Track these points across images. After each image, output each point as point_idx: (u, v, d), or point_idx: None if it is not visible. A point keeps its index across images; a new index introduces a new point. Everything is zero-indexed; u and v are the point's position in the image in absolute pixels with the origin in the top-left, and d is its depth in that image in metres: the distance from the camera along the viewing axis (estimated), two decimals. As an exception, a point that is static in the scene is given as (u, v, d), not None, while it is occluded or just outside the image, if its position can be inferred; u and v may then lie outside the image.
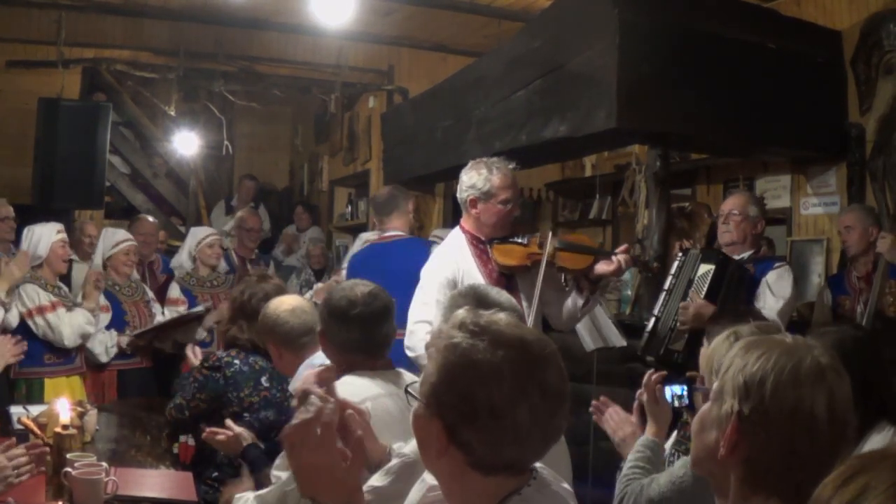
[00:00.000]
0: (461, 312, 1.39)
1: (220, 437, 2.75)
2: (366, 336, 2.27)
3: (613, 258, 3.20)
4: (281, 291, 3.23)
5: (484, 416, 1.25)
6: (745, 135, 4.19)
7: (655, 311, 3.69)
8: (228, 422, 2.80)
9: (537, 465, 1.35)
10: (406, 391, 1.40)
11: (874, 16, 4.39)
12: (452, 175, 6.42)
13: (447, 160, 5.46)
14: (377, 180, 7.39)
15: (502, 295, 2.09)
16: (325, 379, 1.76)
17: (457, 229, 3.34)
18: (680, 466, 2.11)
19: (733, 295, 3.47)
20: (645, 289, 4.38)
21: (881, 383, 2.15)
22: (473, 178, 3.22)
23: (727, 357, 1.31)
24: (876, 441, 2.04)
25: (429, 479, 1.51)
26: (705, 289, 3.48)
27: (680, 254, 3.78)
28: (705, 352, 2.27)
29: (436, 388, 1.29)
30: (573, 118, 4.00)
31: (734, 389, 1.25)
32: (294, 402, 2.14)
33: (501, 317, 1.36)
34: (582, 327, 3.98)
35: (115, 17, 6.35)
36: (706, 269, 3.53)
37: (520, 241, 3.25)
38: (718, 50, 4.01)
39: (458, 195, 3.32)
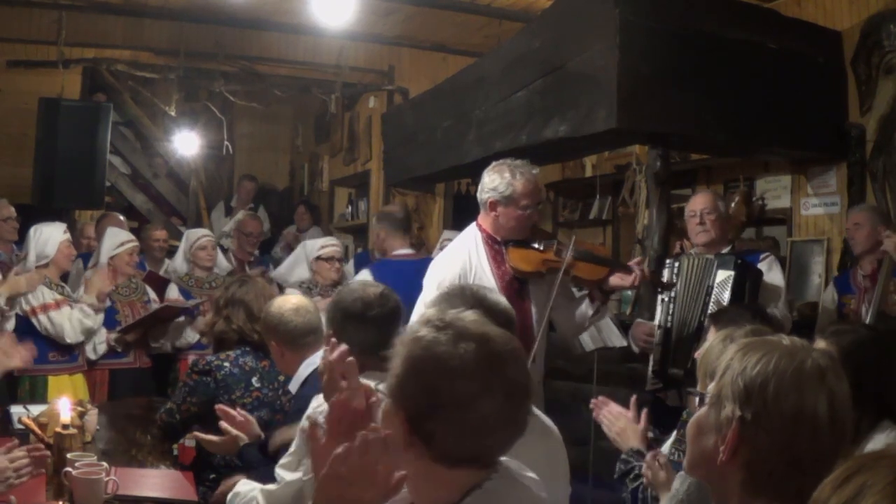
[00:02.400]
0: (430, 311, 1.41)
1: (214, 438, 2.76)
2: (382, 336, 2.26)
3: (631, 269, 3.16)
4: (264, 290, 3.27)
5: (447, 407, 1.27)
6: (745, 135, 4.19)
7: (658, 321, 3.63)
8: (223, 424, 2.80)
9: (504, 458, 1.37)
10: (376, 389, 1.41)
11: (874, 16, 4.39)
12: (452, 175, 6.46)
13: (447, 160, 5.46)
14: (377, 180, 7.40)
15: (496, 294, 2.08)
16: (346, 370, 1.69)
17: (473, 226, 3.29)
18: (679, 482, 2.07)
19: (752, 300, 3.42)
20: (645, 289, 4.36)
21: (890, 384, 2.14)
22: (496, 181, 3.14)
23: (723, 360, 1.29)
24: (879, 441, 2.04)
25: None
26: (727, 296, 3.42)
27: (670, 260, 3.75)
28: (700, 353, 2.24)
29: (400, 381, 1.32)
30: (573, 118, 4.00)
31: (734, 394, 1.24)
32: (306, 426, 2.11)
33: (468, 314, 1.40)
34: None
35: (115, 17, 6.35)
36: (725, 275, 3.46)
37: (536, 246, 3.20)
38: (718, 50, 4.01)
39: (478, 195, 3.25)
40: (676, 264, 3.66)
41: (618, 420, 2.40)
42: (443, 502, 1.31)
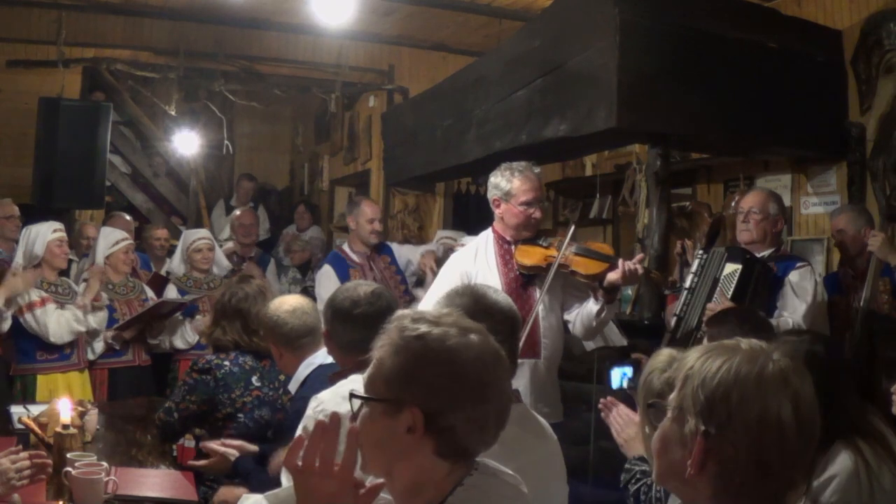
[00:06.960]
0: (408, 311, 1.41)
1: (203, 462, 2.78)
2: (370, 335, 2.25)
3: (620, 264, 3.16)
4: (263, 291, 3.25)
5: (472, 396, 1.28)
6: (746, 134, 4.19)
7: (677, 311, 3.63)
8: (208, 444, 2.80)
9: (479, 458, 1.37)
10: (352, 396, 1.36)
11: (874, 15, 4.38)
12: (452, 174, 6.46)
13: (447, 160, 5.46)
14: (377, 180, 7.40)
15: (499, 294, 2.07)
16: None
17: (489, 229, 3.47)
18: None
19: (759, 295, 3.40)
20: (645, 288, 4.37)
21: (837, 404, 1.95)
22: (498, 179, 3.35)
23: (683, 368, 1.26)
24: (837, 465, 1.93)
25: None
26: (732, 288, 3.41)
27: (701, 251, 3.72)
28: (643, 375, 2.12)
29: (410, 378, 1.30)
30: (573, 118, 4.00)
31: (696, 408, 1.21)
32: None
33: (449, 311, 1.41)
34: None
35: (115, 17, 6.35)
36: (732, 268, 3.45)
37: (541, 243, 3.32)
38: (719, 50, 4.01)
39: (487, 195, 3.47)
40: (705, 256, 3.63)
41: (627, 427, 2.38)
42: (427, 501, 1.31)
